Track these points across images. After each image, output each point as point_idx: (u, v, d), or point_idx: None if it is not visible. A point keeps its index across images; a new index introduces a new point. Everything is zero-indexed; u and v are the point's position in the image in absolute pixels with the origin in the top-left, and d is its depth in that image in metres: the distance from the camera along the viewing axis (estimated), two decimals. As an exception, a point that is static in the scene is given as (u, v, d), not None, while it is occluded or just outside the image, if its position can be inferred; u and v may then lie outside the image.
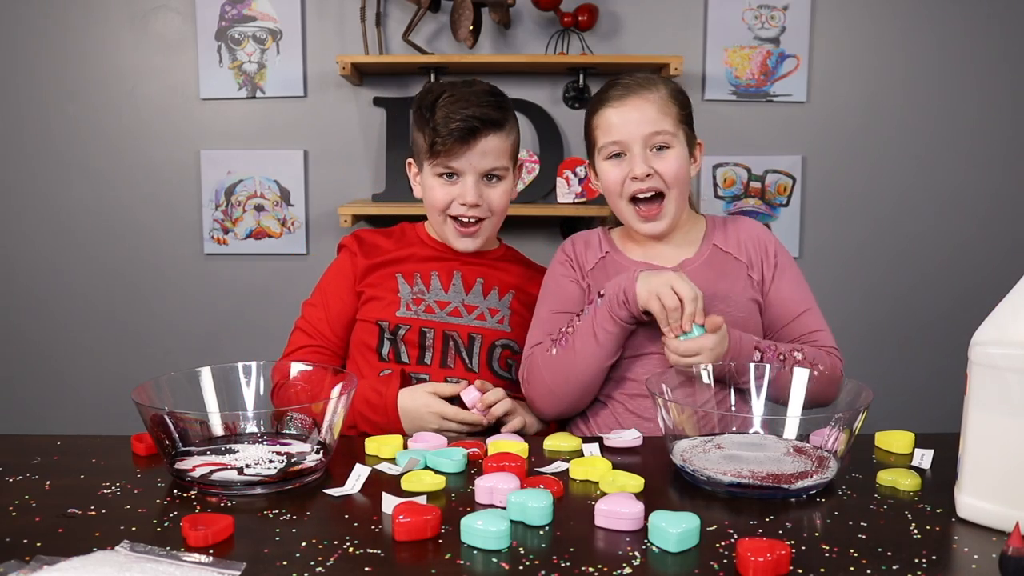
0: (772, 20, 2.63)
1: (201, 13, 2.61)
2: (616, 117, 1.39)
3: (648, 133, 1.38)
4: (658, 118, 1.38)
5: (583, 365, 1.35)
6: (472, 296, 1.50)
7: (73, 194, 2.69)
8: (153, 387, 1.15)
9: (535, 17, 2.62)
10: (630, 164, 1.38)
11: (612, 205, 1.46)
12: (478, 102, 1.42)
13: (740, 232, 1.48)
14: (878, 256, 2.73)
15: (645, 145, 1.38)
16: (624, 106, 1.39)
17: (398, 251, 1.53)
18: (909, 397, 2.74)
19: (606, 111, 1.40)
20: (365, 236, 1.57)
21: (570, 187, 2.57)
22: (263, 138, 2.67)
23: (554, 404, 1.40)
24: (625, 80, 1.42)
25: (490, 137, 1.43)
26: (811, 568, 0.84)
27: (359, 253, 1.53)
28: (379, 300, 1.48)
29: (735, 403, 1.27)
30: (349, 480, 1.06)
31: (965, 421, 0.97)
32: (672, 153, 1.39)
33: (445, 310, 1.47)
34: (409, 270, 1.50)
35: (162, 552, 0.85)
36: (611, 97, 1.41)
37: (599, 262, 1.47)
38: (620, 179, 1.40)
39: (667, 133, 1.39)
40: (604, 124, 1.41)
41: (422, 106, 1.45)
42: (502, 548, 0.88)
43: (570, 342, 1.36)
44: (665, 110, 1.39)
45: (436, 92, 1.45)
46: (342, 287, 1.52)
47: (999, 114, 2.68)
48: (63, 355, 2.75)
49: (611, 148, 1.40)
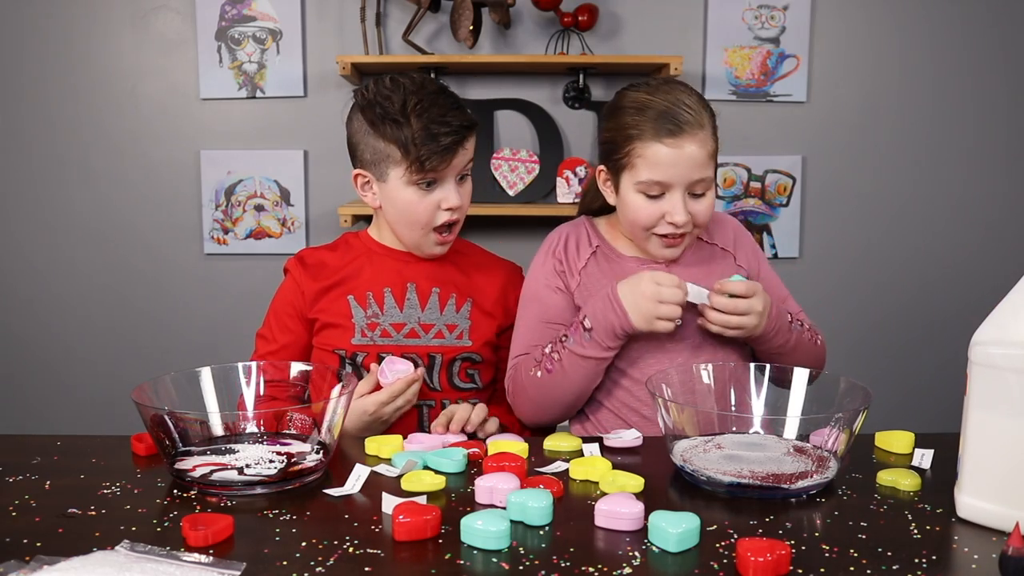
0: (772, 20, 2.63)
1: (201, 13, 2.61)
2: (666, 157, 1.30)
3: (693, 180, 1.32)
4: (704, 163, 1.32)
5: (573, 387, 1.35)
6: (429, 312, 1.44)
7: (73, 194, 2.69)
8: (153, 387, 1.14)
9: (535, 17, 2.62)
10: (669, 207, 1.32)
11: (631, 230, 1.40)
12: (448, 104, 1.37)
13: (722, 226, 1.50)
14: (878, 256, 2.73)
15: (686, 190, 1.33)
16: (676, 148, 1.30)
17: (346, 267, 1.46)
18: (909, 397, 2.74)
19: (655, 146, 1.30)
20: (308, 256, 1.49)
21: (570, 187, 2.57)
22: (263, 138, 2.67)
23: (540, 417, 1.40)
24: (678, 109, 1.31)
25: (469, 141, 1.39)
26: (811, 568, 0.84)
27: (305, 277, 1.45)
28: (333, 328, 1.43)
29: (735, 403, 1.27)
30: (349, 480, 1.06)
31: (965, 421, 0.97)
32: (708, 197, 1.36)
33: (402, 332, 1.42)
34: (361, 290, 1.44)
35: (162, 552, 0.85)
36: (664, 131, 1.30)
37: (591, 257, 1.44)
38: (655, 218, 1.34)
39: (708, 180, 1.34)
40: (651, 158, 1.31)
41: (386, 114, 1.35)
42: (502, 548, 0.88)
43: (559, 367, 1.33)
44: (709, 149, 1.33)
45: (397, 96, 1.36)
46: (291, 318, 1.46)
47: (998, 114, 2.68)
48: (63, 355, 2.75)
49: (652, 187, 1.32)
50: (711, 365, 1.27)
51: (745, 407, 1.25)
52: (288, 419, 1.16)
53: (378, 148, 1.38)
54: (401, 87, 1.37)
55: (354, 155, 1.45)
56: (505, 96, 2.64)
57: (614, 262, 1.43)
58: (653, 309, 1.28)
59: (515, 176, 2.60)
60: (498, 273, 1.54)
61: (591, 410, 1.43)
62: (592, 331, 1.31)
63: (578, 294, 1.42)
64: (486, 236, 2.60)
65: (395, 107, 1.35)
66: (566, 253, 1.44)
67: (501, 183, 2.61)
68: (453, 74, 2.62)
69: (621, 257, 1.43)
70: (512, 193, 2.60)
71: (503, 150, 2.62)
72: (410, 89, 1.37)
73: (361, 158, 1.42)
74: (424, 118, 1.34)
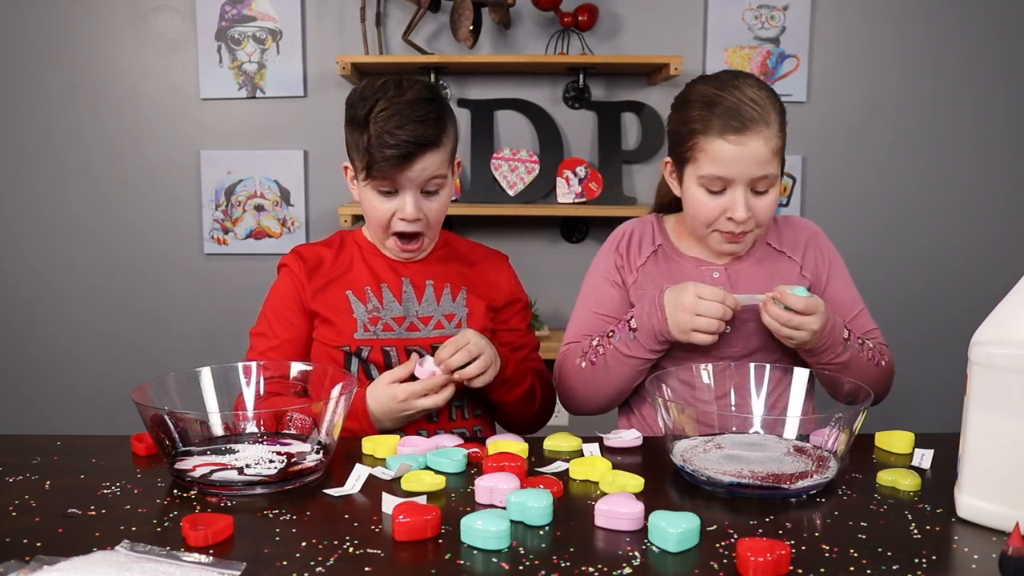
0: (772, 20, 2.63)
1: (201, 13, 2.61)
2: (729, 153, 1.29)
3: (756, 177, 1.31)
4: (767, 160, 1.30)
5: (614, 383, 1.37)
6: (426, 305, 1.45)
7: (73, 194, 2.69)
8: (153, 387, 1.14)
9: (535, 17, 2.62)
10: (731, 203, 1.32)
11: (692, 224, 1.39)
12: (413, 116, 1.34)
13: (795, 231, 1.47)
14: (878, 256, 2.73)
15: (749, 186, 1.32)
16: (740, 145, 1.28)
17: (342, 263, 1.47)
18: (909, 397, 2.73)
19: (718, 142, 1.29)
20: (305, 252, 1.48)
21: (570, 187, 2.57)
22: (263, 138, 2.67)
23: (581, 407, 1.43)
24: (744, 105, 1.29)
25: (426, 156, 1.36)
26: (811, 568, 0.84)
27: (304, 272, 1.44)
28: (335, 323, 1.42)
29: (735, 403, 1.27)
30: (349, 480, 1.06)
31: (965, 421, 0.97)
32: (771, 195, 1.34)
33: (403, 326, 1.42)
34: (359, 285, 1.44)
35: (162, 552, 0.85)
36: (728, 128, 1.29)
37: (651, 255, 1.44)
38: (716, 213, 1.33)
39: (772, 176, 1.32)
40: (713, 154, 1.30)
41: (355, 116, 1.37)
42: (502, 548, 0.88)
43: (602, 361, 1.36)
44: (773, 146, 1.31)
45: (370, 100, 1.35)
46: (291, 311, 1.44)
47: (998, 113, 2.67)
48: (63, 355, 2.75)
49: (714, 183, 1.32)
50: (711, 365, 1.27)
51: (745, 407, 1.25)
52: (288, 419, 1.16)
53: (350, 144, 1.42)
54: (380, 90, 1.37)
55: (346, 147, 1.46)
56: (505, 96, 2.64)
57: (673, 262, 1.43)
58: (689, 321, 1.26)
59: (515, 176, 2.60)
60: (486, 260, 1.55)
61: (636, 404, 1.44)
62: (637, 332, 1.33)
63: (633, 291, 1.42)
64: (486, 236, 2.60)
65: (362, 111, 1.36)
66: (628, 249, 1.45)
67: (501, 183, 2.61)
68: (453, 74, 2.63)
69: (681, 257, 1.43)
70: (512, 193, 2.60)
71: (503, 150, 2.62)
72: (386, 95, 1.36)
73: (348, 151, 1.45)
74: (380, 126, 1.33)
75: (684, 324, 1.27)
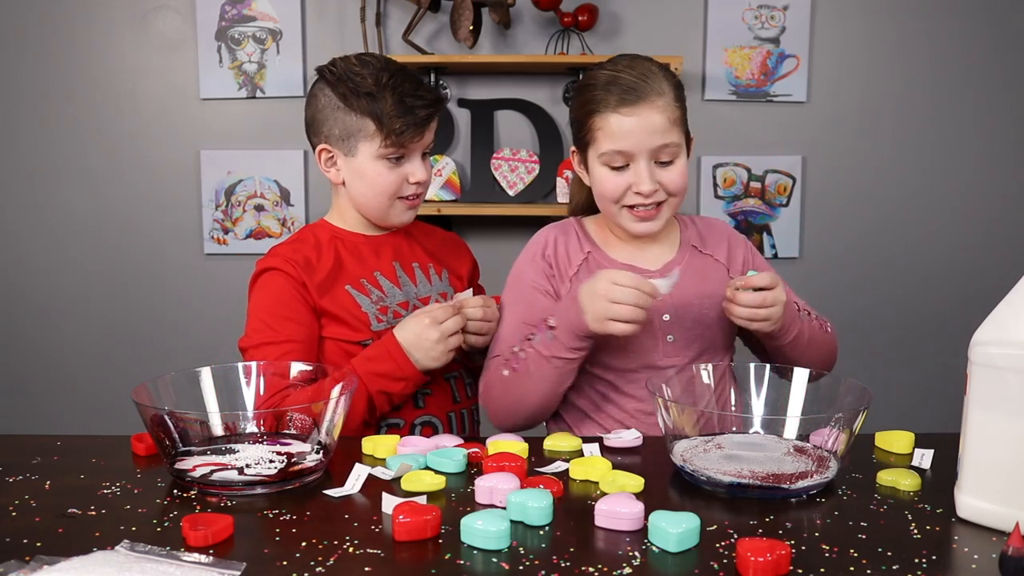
0: (772, 20, 2.63)
1: (201, 13, 2.61)
2: (623, 126, 1.29)
3: (656, 147, 1.30)
4: (666, 128, 1.30)
5: (537, 389, 1.30)
6: (421, 286, 1.49)
7: (73, 194, 2.69)
8: (153, 387, 1.14)
9: (535, 17, 2.62)
10: (635, 176, 1.31)
11: (602, 206, 1.38)
12: (417, 81, 1.42)
13: (715, 234, 1.46)
14: (878, 256, 2.73)
15: (651, 158, 1.31)
16: (633, 115, 1.29)
17: (327, 257, 1.45)
18: (909, 397, 2.74)
19: (611, 116, 1.30)
20: (288, 252, 1.44)
21: (570, 187, 2.56)
22: (263, 138, 2.67)
23: (507, 420, 1.36)
24: (630, 78, 1.30)
25: (436, 119, 1.45)
26: (811, 568, 0.84)
27: (299, 271, 1.41)
28: (346, 320, 1.42)
29: (735, 403, 1.27)
30: (349, 480, 1.06)
31: (965, 421, 0.97)
32: (677, 164, 1.33)
33: (409, 310, 1.45)
34: (354, 278, 1.45)
35: (162, 552, 0.85)
36: (618, 102, 1.29)
37: (583, 264, 1.40)
38: (621, 189, 1.32)
39: (674, 145, 1.31)
40: (608, 130, 1.30)
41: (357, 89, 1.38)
42: (502, 548, 0.88)
43: (524, 366, 1.30)
44: (671, 116, 1.30)
45: (370, 75, 1.39)
46: (297, 312, 1.41)
47: (998, 113, 2.68)
48: (63, 355, 2.75)
49: (615, 158, 1.31)
50: (711, 365, 1.27)
51: (745, 407, 1.25)
52: (288, 419, 1.16)
53: (349, 123, 1.41)
54: (369, 64, 1.42)
55: (318, 131, 1.46)
56: (505, 96, 2.64)
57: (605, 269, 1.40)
58: (605, 310, 1.21)
59: (515, 176, 2.60)
60: (449, 242, 1.62)
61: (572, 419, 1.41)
62: (556, 330, 1.27)
63: None
64: (486, 236, 2.61)
65: (368, 82, 1.39)
66: (556, 258, 1.41)
67: (501, 183, 2.61)
68: (453, 74, 2.63)
69: (613, 264, 1.39)
70: (512, 193, 2.60)
71: (503, 150, 2.62)
72: (378, 66, 1.42)
73: (328, 134, 1.44)
74: (398, 92, 1.39)
75: (600, 312, 1.21)
